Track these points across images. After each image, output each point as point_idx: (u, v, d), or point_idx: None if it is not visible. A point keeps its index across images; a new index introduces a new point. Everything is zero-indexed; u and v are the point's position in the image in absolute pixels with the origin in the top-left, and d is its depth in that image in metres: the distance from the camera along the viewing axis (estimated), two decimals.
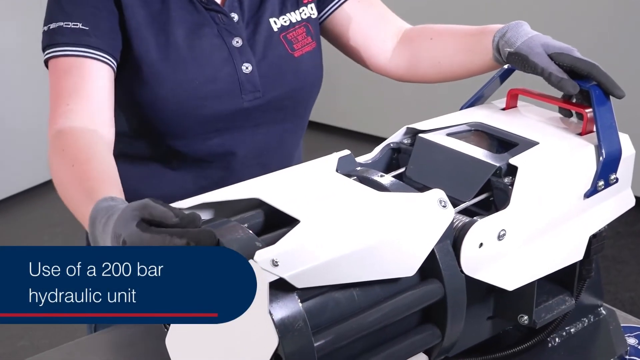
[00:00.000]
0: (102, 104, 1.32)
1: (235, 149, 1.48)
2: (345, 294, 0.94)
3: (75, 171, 1.18)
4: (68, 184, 1.19)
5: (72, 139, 1.25)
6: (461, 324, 1.04)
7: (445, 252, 1.01)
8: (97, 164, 1.20)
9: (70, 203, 1.19)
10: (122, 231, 0.97)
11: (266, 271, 0.86)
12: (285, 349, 0.86)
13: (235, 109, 1.44)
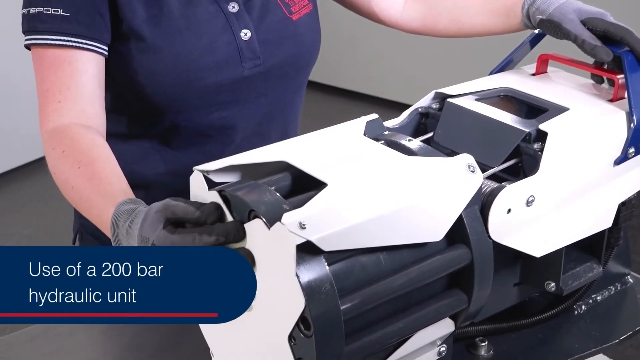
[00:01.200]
0: (93, 95, 1.29)
1: (236, 121, 1.44)
2: (371, 257, 0.94)
3: (83, 173, 1.17)
4: (79, 187, 1.17)
5: (69, 139, 1.23)
6: (488, 290, 1.04)
7: (473, 217, 1.00)
8: (103, 164, 1.19)
9: (83, 205, 1.17)
10: (150, 235, 0.99)
11: (293, 234, 0.85)
12: (311, 312, 0.86)
13: (236, 79, 1.40)
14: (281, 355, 0.93)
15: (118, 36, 1.33)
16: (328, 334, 0.88)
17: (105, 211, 1.10)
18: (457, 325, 1.05)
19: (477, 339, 1.20)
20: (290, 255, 0.86)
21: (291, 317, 0.88)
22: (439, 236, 0.98)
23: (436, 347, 1.08)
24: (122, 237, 1.05)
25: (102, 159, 1.21)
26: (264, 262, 0.91)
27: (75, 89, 1.27)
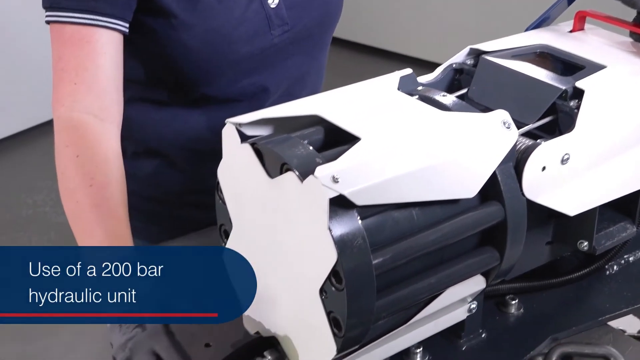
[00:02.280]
0: (111, 78, 1.24)
1: (267, 85, 1.44)
2: (404, 213, 0.94)
3: (94, 194, 1.15)
4: (84, 206, 1.15)
5: (84, 143, 1.19)
6: (520, 248, 1.03)
7: (507, 174, 0.99)
8: (114, 190, 1.17)
9: (80, 224, 1.15)
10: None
11: (326, 187, 0.85)
12: (343, 265, 0.86)
13: (266, 47, 1.39)
14: (312, 308, 0.93)
15: (147, 12, 1.31)
16: (359, 288, 0.88)
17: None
18: (488, 282, 1.05)
19: (508, 297, 1.19)
20: (322, 209, 0.85)
21: (323, 270, 0.88)
22: (472, 192, 0.97)
23: (466, 303, 1.08)
24: None
25: (113, 182, 1.18)
26: (296, 216, 0.91)
27: (92, 72, 1.22)
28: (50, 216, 3.79)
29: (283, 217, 0.93)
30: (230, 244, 1.07)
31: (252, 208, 0.99)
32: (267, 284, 1.02)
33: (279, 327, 1.03)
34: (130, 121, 1.32)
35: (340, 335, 0.91)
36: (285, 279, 0.97)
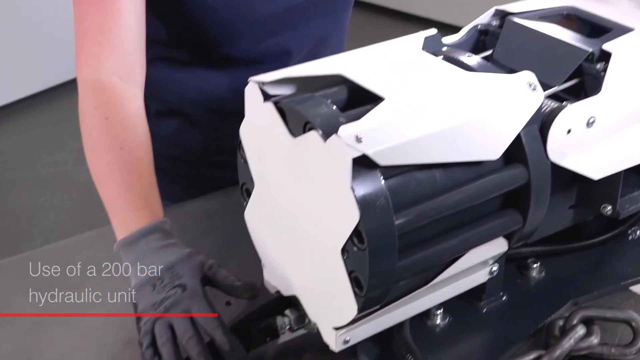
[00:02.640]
0: (135, 39, 1.23)
1: (289, 47, 1.43)
2: (427, 174, 0.93)
3: (125, 157, 1.14)
4: (115, 169, 1.15)
5: (113, 104, 1.18)
6: (543, 211, 1.02)
7: (531, 136, 0.98)
8: (143, 153, 1.17)
9: (109, 188, 1.14)
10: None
11: (349, 147, 0.85)
12: (366, 226, 0.86)
13: (289, 6, 1.38)
14: (333, 268, 0.93)
15: None
16: (381, 248, 0.88)
17: (134, 222, 1.10)
18: (510, 245, 1.05)
19: (529, 260, 1.19)
20: (345, 169, 0.85)
21: (345, 230, 0.88)
22: (496, 154, 0.96)
23: (488, 266, 1.08)
24: (132, 260, 1.07)
25: (142, 146, 1.18)
26: (318, 175, 0.91)
27: (116, 32, 1.21)
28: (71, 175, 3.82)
29: (305, 176, 0.93)
30: (252, 203, 1.07)
31: (274, 167, 0.99)
32: (288, 243, 1.02)
33: (300, 287, 1.03)
34: (153, 81, 1.32)
35: (362, 295, 0.91)
36: (307, 239, 0.97)
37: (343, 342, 1.00)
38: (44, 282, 1.24)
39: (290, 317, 1.05)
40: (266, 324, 1.04)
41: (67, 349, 1.11)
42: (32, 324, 1.15)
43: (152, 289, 1.03)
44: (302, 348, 1.09)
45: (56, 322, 1.16)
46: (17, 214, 3.56)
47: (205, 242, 1.29)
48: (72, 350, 1.10)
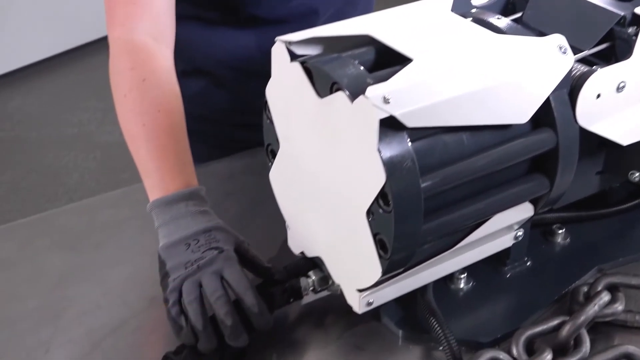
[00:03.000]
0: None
1: (316, 7, 1.42)
2: (454, 137, 0.92)
3: (162, 120, 1.13)
4: (153, 131, 1.13)
5: (150, 66, 1.17)
6: (571, 176, 1.01)
7: (561, 101, 0.97)
8: (179, 117, 1.16)
9: (147, 154, 1.13)
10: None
11: (377, 108, 0.84)
12: (392, 188, 0.85)
13: None
14: (358, 230, 0.93)
15: None
16: (407, 210, 0.87)
17: (172, 184, 1.09)
18: (536, 210, 1.04)
19: (555, 226, 1.18)
20: (372, 130, 0.84)
21: (370, 192, 0.88)
22: (524, 118, 0.95)
23: (513, 231, 1.07)
24: (167, 220, 1.06)
25: (177, 110, 1.17)
26: (345, 136, 0.90)
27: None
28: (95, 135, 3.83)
29: (331, 137, 0.92)
30: (277, 164, 1.07)
31: (300, 128, 0.99)
32: (313, 204, 1.01)
33: (324, 248, 1.03)
34: (180, 40, 1.32)
35: (386, 258, 0.91)
36: (332, 200, 0.97)
37: (366, 304, 1.00)
38: (68, 239, 1.25)
39: (314, 278, 1.05)
40: (290, 285, 1.04)
41: (91, 305, 1.12)
42: (57, 281, 1.16)
43: (186, 247, 1.03)
44: (325, 310, 1.09)
45: (80, 279, 1.17)
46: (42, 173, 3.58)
47: (229, 203, 1.30)
48: (95, 307, 1.11)
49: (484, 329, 1.05)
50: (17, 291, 1.15)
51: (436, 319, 1.00)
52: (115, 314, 1.10)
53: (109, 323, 1.09)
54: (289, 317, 1.08)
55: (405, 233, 0.89)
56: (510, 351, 0.97)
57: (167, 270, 1.01)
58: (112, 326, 1.08)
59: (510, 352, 0.97)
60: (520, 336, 0.98)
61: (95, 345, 1.05)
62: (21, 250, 1.24)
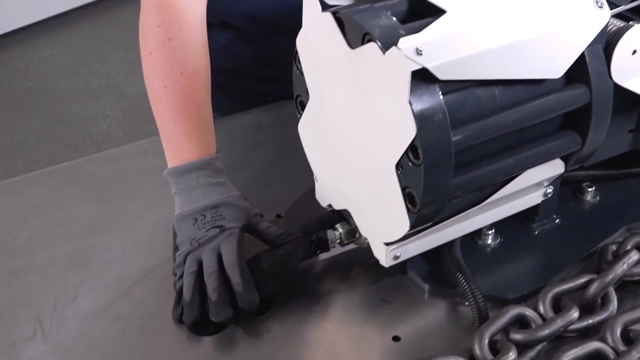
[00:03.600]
0: None
1: None
2: (486, 91, 0.91)
3: (184, 82, 1.13)
4: (173, 93, 1.13)
5: (178, 26, 1.15)
6: (603, 133, 1.00)
7: (595, 56, 0.96)
8: (203, 80, 1.16)
9: (167, 115, 1.13)
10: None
11: (409, 59, 0.83)
12: (422, 141, 0.85)
13: None
14: (387, 183, 0.92)
15: None
16: (437, 164, 0.87)
17: (187, 152, 1.11)
18: (567, 167, 1.03)
19: (585, 184, 1.17)
20: (404, 82, 0.83)
21: (401, 145, 0.87)
22: (558, 73, 0.94)
23: (543, 188, 1.06)
24: (181, 190, 1.09)
25: (202, 71, 1.17)
26: (376, 88, 0.89)
27: None
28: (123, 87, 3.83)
29: (362, 89, 0.91)
30: (306, 116, 1.06)
31: (330, 79, 0.98)
32: (342, 156, 1.01)
33: (352, 201, 1.03)
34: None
35: (415, 212, 0.91)
36: (361, 153, 0.96)
37: (393, 258, 1.00)
38: (96, 188, 1.26)
39: (341, 231, 1.05)
40: (317, 237, 1.04)
41: (119, 253, 1.12)
42: (85, 228, 1.17)
43: (193, 222, 1.05)
44: (351, 263, 1.09)
45: (108, 228, 1.17)
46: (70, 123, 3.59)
47: (257, 154, 1.29)
48: (123, 255, 1.12)
49: (510, 285, 1.04)
50: (46, 238, 1.16)
51: (463, 274, 1.00)
52: (142, 262, 1.11)
53: (137, 271, 1.09)
54: (315, 270, 1.08)
55: (435, 187, 0.89)
56: (537, 308, 0.97)
57: (177, 244, 1.05)
58: (140, 274, 1.09)
59: (537, 309, 0.96)
60: (547, 293, 0.98)
61: (122, 293, 1.06)
62: (50, 197, 1.25)
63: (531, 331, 0.93)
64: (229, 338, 0.99)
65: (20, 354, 0.97)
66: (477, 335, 0.92)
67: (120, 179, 1.28)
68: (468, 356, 0.91)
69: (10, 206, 1.23)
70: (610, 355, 0.91)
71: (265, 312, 1.02)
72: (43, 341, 0.99)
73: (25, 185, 1.29)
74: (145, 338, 1.00)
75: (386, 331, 1.00)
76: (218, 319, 0.98)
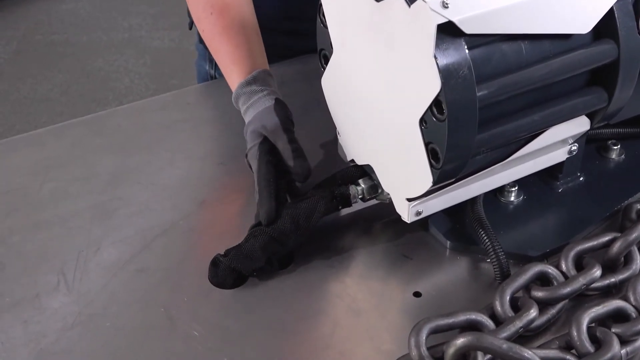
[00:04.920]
0: None
1: None
2: (513, 46, 0.90)
3: (215, 22, 1.21)
4: (210, 35, 1.23)
5: None
6: (630, 90, 0.99)
7: (625, 11, 0.94)
8: (235, 15, 1.23)
9: (213, 52, 1.21)
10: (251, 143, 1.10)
11: (435, 12, 0.82)
12: (446, 96, 0.84)
13: None
14: (410, 138, 0.91)
15: None
16: (461, 119, 0.86)
17: (232, 77, 1.18)
18: (592, 124, 1.02)
19: (610, 142, 1.16)
20: (429, 36, 0.82)
21: (425, 100, 0.86)
22: (586, 28, 0.92)
23: (568, 145, 1.05)
24: (242, 103, 1.16)
25: (232, 6, 1.23)
26: (400, 42, 0.88)
27: None
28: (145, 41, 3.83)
29: (387, 43, 0.90)
30: (329, 70, 1.05)
31: (355, 33, 0.97)
32: (365, 111, 1.00)
33: (375, 156, 1.03)
34: None
35: (438, 167, 0.90)
36: (385, 108, 0.96)
37: (415, 214, 0.99)
38: (118, 141, 1.26)
39: (363, 186, 1.04)
40: (339, 192, 1.04)
41: (141, 206, 1.13)
42: (108, 181, 1.17)
43: (250, 132, 1.12)
44: (373, 218, 1.09)
45: (130, 181, 1.17)
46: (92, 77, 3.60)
47: None
48: (145, 208, 1.12)
49: (533, 242, 1.04)
50: (68, 190, 1.16)
51: (485, 231, 1.00)
52: (165, 215, 1.11)
53: (159, 224, 1.09)
54: (337, 224, 1.08)
55: (458, 143, 0.88)
56: (559, 266, 0.96)
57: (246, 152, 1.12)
58: (162, 228, 1.09)
59: (559, 266, 0.96)
60: (569, 251, 0.97)
61: (145, 246, 1.06)
62: (73, 150, 1.25)
63: (553, 289, 0.93)
64: (251, 291, 1.00)
65: (45, 305, 0.98)
66: (498, 292, 0.92)
67: (142, 132, 1.28)
68: (489, 313, 0.91)
69: (33, 158, 1.23)
70: (632, 314, 0.91)
71: (287, 267, 1.02)
72: (66, 292, 1.00)
73: (48, 137, 1.29)
74: (167, 291, 1.00)
75: (407, 287, 1.00)
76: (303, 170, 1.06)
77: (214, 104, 1.36)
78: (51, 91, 3.50)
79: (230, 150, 1.22)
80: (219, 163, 1.20)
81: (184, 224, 1.09)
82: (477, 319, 0.89)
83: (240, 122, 1.16)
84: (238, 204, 1.14)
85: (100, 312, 0.97)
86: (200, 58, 1.58)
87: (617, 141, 1.16)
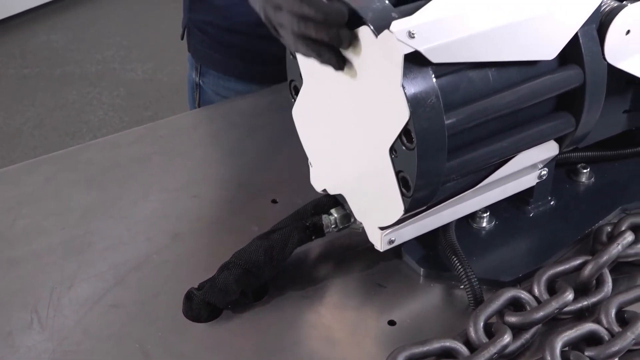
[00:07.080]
0: None
1: None
2: (480, 73, 0.91)
3: None
4: None
5: None
6: (597, 114, 1.00)
7: (589, 36, 0.96)
8: None
9: None
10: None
11: (402, 42, 0.83)
12: (415, 124, 0.85)
13: None
14: (381, 167, 0.92)
15: None
16: (430, 148, 0.87)
17: None
18: (561, 149, 1.03)
19: (579, 166, 1.17)
20: (397, 65, 0.83)
21: (394, 129, 0.87)
22: (552, 54, 0.94)
23: (537, 170, 1.06)
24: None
25: None
26: (368, 72, 0.89)
27: None
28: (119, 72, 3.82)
29: (355, 73, 0.91)
30: (300, 100, 1.06)
31: None
32: (336, 141, 1.01)
33: (347, 186, 1.03)
34: None
35: (409, 195, 0.91)
36: (355, 137, 0.96)
37: (388, 242, 1.00)
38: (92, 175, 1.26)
39: (336, 216, 1.05)
40: (312, 223, 1.04)
41: (114, 240, 1.12)
42: (81, 216, 1.17)
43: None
44: (346, 247, 1.09)
45: (104, 215, 1.17)
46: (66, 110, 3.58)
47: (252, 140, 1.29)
48: (119, 243, 1.12)
49: (505, 267, 1.04)
50: (41, 225, 1.16)
51: (458, 258, 1.00)
52: (139, 249, 1.11)
53: (133, 258, 1.09)
54: (310, 255, 1.08)
55: (428, 171, 0.89)
56: (532, 290, 0.97)
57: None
58: (136, 262, 1.09)
59: (532, 291, 0.97)
60: (541, 275, 0.98)
61: (119, 281, 1.06)
62: (46, 185, 1.24)
63: (526, 313, 0.93)
64: (225, 324, 0.99)
65: (18, 343, 0.97)
66: (472, 318, 0.92)
67: (115, 166, 1.28)
68: (463, 339, 0.92)
69: (6, 194, 1.22)
70: (605, 337, 0.92)
71: (261, 298, 1.02)
72: (40, 330, 0.99)
73: (21, 173, 1.28)
74: (142, 325, 1.00)
75: (382, 315, 1.00)
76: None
77: (188, 137, 1.36)
78: (24, 125, 3.48)
79: (204, 182, 1.22)
80: (192, 196, 1.20)
81: (157, 258, 1.09)
82: (452, 346, 0.90)
83: (213, 155, 1.16)
84: (212, 236, 1.14)
85: (74, 348, 0.97)
86: (190, 67, 1.60)
87: (586, 164, 1.18)
